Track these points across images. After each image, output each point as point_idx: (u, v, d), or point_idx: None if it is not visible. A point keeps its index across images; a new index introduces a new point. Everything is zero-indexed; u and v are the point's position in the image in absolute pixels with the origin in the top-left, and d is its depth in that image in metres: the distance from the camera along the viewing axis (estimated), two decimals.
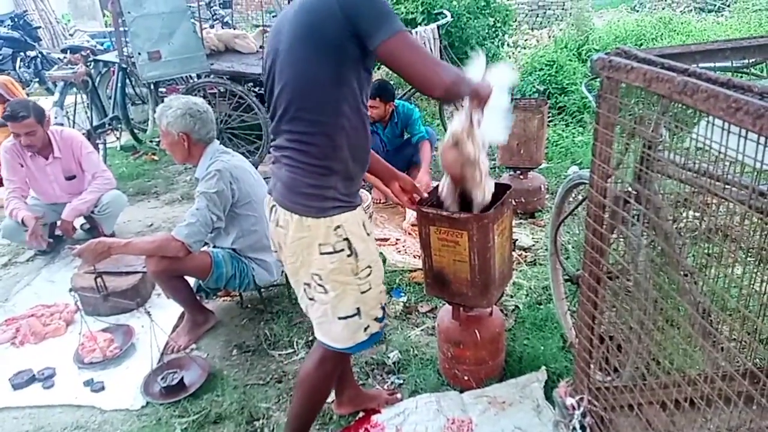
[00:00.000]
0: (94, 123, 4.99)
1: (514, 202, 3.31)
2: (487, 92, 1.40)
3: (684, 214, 1.01)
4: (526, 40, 8.69)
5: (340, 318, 1.57)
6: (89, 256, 2.24)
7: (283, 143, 1.51)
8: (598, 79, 0.85)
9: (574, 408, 0.85)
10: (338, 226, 1.49)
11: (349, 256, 1.51)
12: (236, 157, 2.53)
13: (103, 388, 2.29)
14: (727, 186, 0.81)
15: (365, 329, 1.61)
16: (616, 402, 0.80)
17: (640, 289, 0.80)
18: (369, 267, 1.56)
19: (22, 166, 3.40)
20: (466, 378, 2.10)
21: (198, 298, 2.64)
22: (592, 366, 0.84)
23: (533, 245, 3.22)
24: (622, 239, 0.84)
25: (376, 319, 1.63)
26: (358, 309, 1.57)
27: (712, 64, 0.87)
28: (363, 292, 1.57)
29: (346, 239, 1.50)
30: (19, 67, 8.49)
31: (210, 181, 2.35)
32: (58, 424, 2.12)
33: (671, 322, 0.76)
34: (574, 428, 0.83)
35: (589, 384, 0.85)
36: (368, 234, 1.59)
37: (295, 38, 1.39)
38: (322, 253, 1.50)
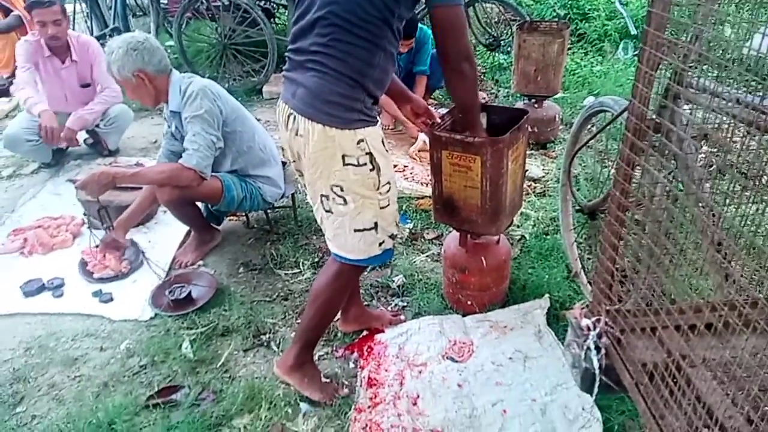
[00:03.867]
0: (95, 34, 4.80)
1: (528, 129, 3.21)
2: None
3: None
4: None
5: (356, 230, 1.58)
6: (94, 188, 2.17)
7: (311, 47, 1.45)
8: None
9: (589, 329, 0.84)
10: (361, 140, 1.48)
11: (371, 170, 1.52)
12: (204, 79, 2.40)
13: (111, 299, 2.33)
14: None
15: (380, 244, 1.64)
16: (637, 324, 0.78)
17: (676, 210, 0.76)
18: (389, 183, 1.58)
19: (36, 66, 3.25)
20: (469, 303, 2.13)
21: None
22: (613, 287, 0.82)
23: (543, 176, 3.17)
24: (663, 157, 0.79)
25: (391, 236, 1.66)
26: (375, 223, 1.59)
27: None
28: (382, 208, 1.59)
29: (369, 153, 1.50)
30: None
31: (194, 102, 2.24)
32: (69, 330, 2.18)
33: (701, 245, 0.72)
34: (589, 348, 0.83)
35: (607, 306, 0.84)
36: (387, 151, 1.59)
37: None
38: (345, 165, 1.49)
